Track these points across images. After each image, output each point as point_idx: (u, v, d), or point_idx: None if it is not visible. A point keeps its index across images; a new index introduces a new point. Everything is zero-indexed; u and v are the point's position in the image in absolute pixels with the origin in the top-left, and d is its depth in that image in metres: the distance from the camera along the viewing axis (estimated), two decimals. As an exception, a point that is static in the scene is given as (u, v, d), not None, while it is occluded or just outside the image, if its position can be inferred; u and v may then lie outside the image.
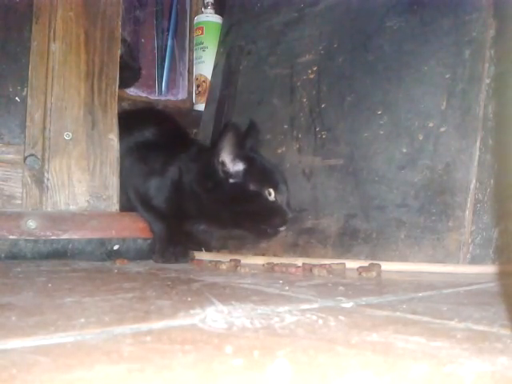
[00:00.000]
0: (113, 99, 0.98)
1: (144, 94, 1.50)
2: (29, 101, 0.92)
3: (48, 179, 0.92)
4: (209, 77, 1.45)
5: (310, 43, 1.16)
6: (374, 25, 1.04)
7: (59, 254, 0.89)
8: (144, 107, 1.40)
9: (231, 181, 0.95)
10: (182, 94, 1.58)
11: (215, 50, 1.45)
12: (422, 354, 0.34)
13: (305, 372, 0.30)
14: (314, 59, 1.13)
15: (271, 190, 0.94)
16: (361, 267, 0.81)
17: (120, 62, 1.02)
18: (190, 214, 1.00)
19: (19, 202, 0.90)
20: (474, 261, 0.84)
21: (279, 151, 1.12)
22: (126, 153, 1.06)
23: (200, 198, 0.97)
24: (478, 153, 0.85)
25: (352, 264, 0.85)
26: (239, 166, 0.95)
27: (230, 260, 0.89)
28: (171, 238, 0.98)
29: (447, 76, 0.91)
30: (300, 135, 1.11)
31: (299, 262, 0.88)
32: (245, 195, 0.95)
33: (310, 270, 0.80)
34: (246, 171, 0.95)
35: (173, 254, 0.94)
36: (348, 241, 0.96)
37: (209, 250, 1.06)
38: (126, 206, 1.03)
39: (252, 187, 0.95)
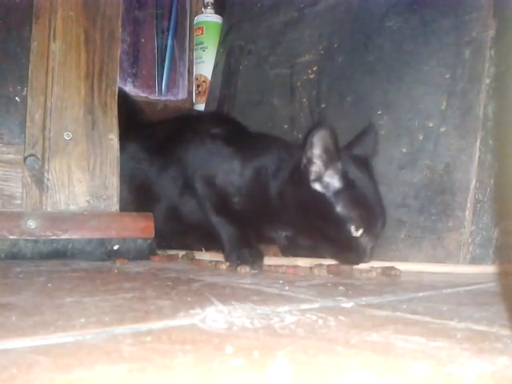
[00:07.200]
0: (113, 99, 0.98)
1: (144, 94, 1.50)
2: (29, 101, 0.92)
3: (48, 179, 0.92)
4: (209, 77, 1.45)
5: (309, 43, 1.16)
6: (374, 25, 1.04)
7: (59, 253, 0.89)
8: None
9: (317, 187, 0.83)
10: (181, 94, 1.58)
11: (215, 50, 1.45)
12: (422, 354, 0.34)
13: (305, 372, 0.30)
14: (314, 59, 1.13)
15: (361, 230, 0.81)
16: (378, 267, 0.81)
17: None
18: (270, 218, 0.91)
19: (19, 202, 0.90)
20: (474, 261, 0.84)
21: (279, 151, 1.11)
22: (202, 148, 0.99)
23: (280, 201, 0.89)
24: (477, 153, 0.85)
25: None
26: (334, 181, 0.83)
27: (230, 260, 0.88)
28: (242, 240, 0.91)
29: (447, 76, 0.91)
30: (300, 135, 1.11)
31: (299, 262, 0.88)
32: (324, 212, 0.83)
33: (310, 269, 0.80)
34: (340, 190, 0.82)
35: (249, 255, 0.86)
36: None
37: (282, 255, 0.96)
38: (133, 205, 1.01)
39: (339, 211, 0.82)
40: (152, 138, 1.12)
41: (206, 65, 1.49)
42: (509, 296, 0.56)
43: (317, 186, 0.83)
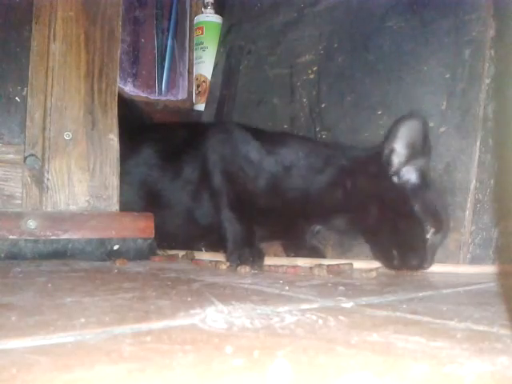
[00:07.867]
0: (113, 99, 0.98)
1: (144, 94, 1.50)
2: (29, 101, 0.92)
3: (48, 179, 0.92)
4: (209, 77, 1.45)
5: (309, 43, 1.16)
6: (374, 25, 1.04)
7: (59, 253, 0.89)
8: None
9: (395, 180, 0.80)
10: (181, 94, 1.58)
11: (215, 50, 1.45)
12: (422, 354, 0.34)
13: (305, 372, 0.30)
14: (314, 59, 1.13)
15: (433, 230, 0.77)
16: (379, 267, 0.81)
17: None
18: (305, 214, 0.89)
19: (19, 202, 0.90)
20: (473, 261, 0.84)
21: (279, 151, 1.11)
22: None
23: (330, 194, 0.85)
24: (478, 153, 0.85)
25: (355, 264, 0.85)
26: (413, 176, 0.80)
27: (230, 260, 0.88)
28: (246, 240, 0.89)
29: (447, 76, 0.91)
30: (300, 135, 1.11)
31: (299, 262, 0.88)
32: (401, 207, 0.78)
33: (310, 269, 0.80)
34: (418, 187, 0.79)
35: (250, 255, 0.84)
36: (348, 241, 0.96)
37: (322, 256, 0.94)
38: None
39: (417, 210, 0.78)
40: (163, 140, 1.10)
41: (206, 65, 1.49)
42: (509, 296, 0.56)
43: (395, 179, 0.81)
